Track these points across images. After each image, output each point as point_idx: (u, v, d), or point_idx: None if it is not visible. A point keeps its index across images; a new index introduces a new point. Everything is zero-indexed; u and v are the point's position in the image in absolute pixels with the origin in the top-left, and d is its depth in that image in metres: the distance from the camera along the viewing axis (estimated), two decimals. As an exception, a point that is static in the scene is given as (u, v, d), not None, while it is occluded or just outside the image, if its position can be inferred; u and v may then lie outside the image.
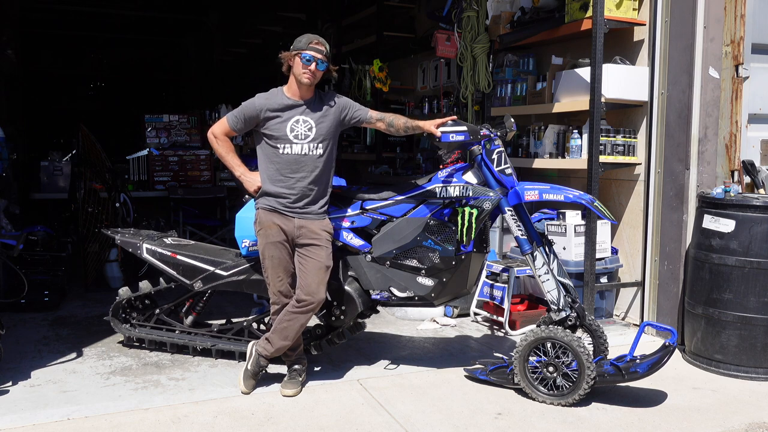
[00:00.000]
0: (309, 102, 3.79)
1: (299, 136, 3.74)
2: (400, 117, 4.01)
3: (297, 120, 3.74)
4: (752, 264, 4.11)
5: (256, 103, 3.77)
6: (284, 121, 3.73)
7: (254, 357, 3.85)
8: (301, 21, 10.70)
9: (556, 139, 5.43)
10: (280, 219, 3.76)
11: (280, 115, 3.74)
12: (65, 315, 5.41)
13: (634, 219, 5.18)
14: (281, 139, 3.73)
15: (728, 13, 4.72)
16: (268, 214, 3.78)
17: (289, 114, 3.74)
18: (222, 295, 4.63)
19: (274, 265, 3.77)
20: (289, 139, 3.73)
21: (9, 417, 3.43)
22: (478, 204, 3.78)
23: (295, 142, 3.73)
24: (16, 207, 6.71)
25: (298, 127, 3.74)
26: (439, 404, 3.69)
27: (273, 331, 3.83)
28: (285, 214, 3.76)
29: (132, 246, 4.45)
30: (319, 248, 3.76)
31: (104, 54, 17.99)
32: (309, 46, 3.68)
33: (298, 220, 3.76)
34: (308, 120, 3.76)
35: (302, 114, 3.76)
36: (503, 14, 5.72)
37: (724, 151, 4.82)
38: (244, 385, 3.81)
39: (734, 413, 3.66)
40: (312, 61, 3.67)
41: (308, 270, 3.75)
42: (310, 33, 3.80)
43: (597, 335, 3.90)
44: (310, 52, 3.67)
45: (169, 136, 7.75)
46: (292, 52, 3.71)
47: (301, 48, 3.69)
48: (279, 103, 3.76)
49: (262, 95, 3.80)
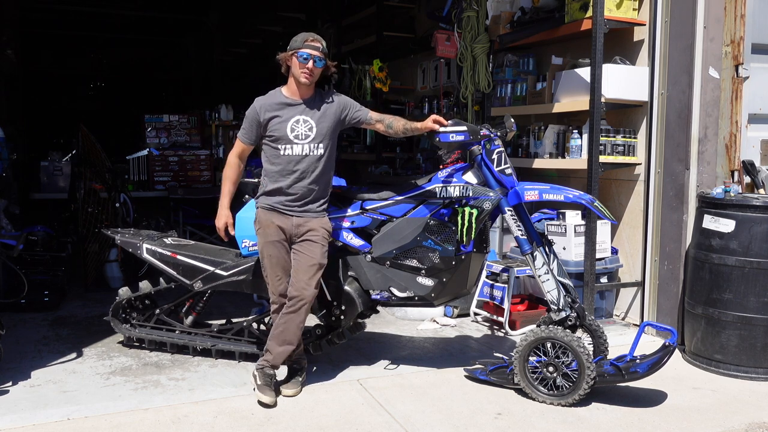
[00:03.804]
0: (309, 101, 3.77)
1: (300, 136, 3.72)
2: (399, 119, 3.99)
3: (297, 120, 3.73)
4: (752, 264, 4.11)
5: (256, 106, 3.78)
6: (284, 121, 3.72)
7: (257, 374, 3.74)
8: (301, 21, 10.70)
9: (556, 139, 5.43)
10: (279, 218, 3.75)
11: (280, 114, 3.73)
12: (65, 315, 5.41)
13: (634, 219, 5.18)
14: (282, 140, 3.72)
15: (728, 13, 4.72)
16: (267, 213, 3.78)
17: (289, 114, 3.73)
18: (222, 295, 4.62)
19: (272, 265, 3.76)
20: (290, 139, 3.71)
21: (9, 417, 3.43)
22: (478, 204, 3.78)
23: (296, 143, 3.72)
24: (16, 207, 6.71)
25: (299, 128, 3.72)
26: (439, 404, 3.69)
27: (270, 338, 3.79)
28: (284, 212, 3.76)
29: (132, 246, 4.45)
30: (314, 245, 3.75)
31: (104, 54, 17.99)
32: (304, 44, 3.66)
33: (296, 218, 3.76)
34: (308, 120, 3.74)
35: (302, 114, 3.74)
36: (503, 14, 5.72)
37: (724, 151, 4.82)
38: (266, 396, 3.62)
39: (734, 413, 3.66)
40: (309, 58, 3.64)
41: (300, 266, 3.73)
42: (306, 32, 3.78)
43: (597, 335, 3.90)
44: (307, 50, 3.64)
45: (169, 136, 7.76)
46: (289, 52, 3.69)
47: (297, 47, 3.67)
48: (278, 102, 3.75)
49: (259, 98, 3.80)
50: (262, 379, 3.72)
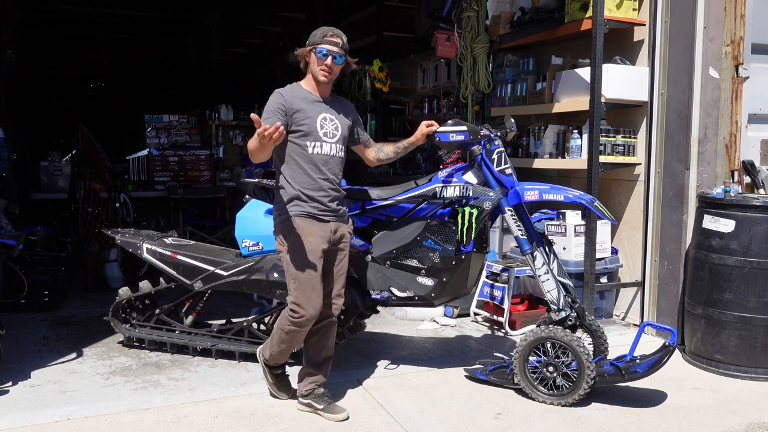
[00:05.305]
0: (328, 100, 3.53)
1: (328, 134, 3.46)
2: (388, 144, 3.84)
3: (324, 117, 3.46)
4: (752, 264, 4.11)
5: (282, 93, 3.43)
6: (311, 116, 3.42)
7: (312, 402, 3.55)
8: (300, 21, 10.69)
9: (556, 139, 5.44)
10: (318, 226, 3.44)
11: (305, 108, 3.41)
12: (65, 315, 5.41)
13: (634, 219, 5.18)
14: (311, 136, 3.41)
15: (728, 13, 4.72)
16: (305, 221, 3.41)
17: (315, 110, 3.45)
18: (222, 295, 4.63)
19: (312, 279, 3.37)
20: (320, 136, 3.42)
21: (9, 417, 3.43)
22: (478, 204, 3.78)
23: (324, 141, 3.44)
24: (16, 207, 6.71)
25: (327, 125, 3.46)
26: (439, 404, 3.69)
27: (307, 360, 3.60)
28: (322, 219, 3.45)
29: (132, 246, 4.45)
30: (345, 253, 3.59)
31: (104, 54, 17.97)
32: (324, 39, 3.39)
33: (334, 224, 3.50)
34: (334, 119, 3.50)
35: (327, 112, 3.49)
36: (503, 14, 5.72)
37: (724, 151, 4.82)
38: (340, 414, 3.48)
39: (734, 413, 3.66)
40: (328, 54, 3.38)
41: (334, 275, 3.55)
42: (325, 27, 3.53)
43: (597, 335, 3.91)
44: (326, 46, 3.38)
45: (169, 136, 7.76)
46: (307, 47, 3.44)
47: (316, 42, 3.41)
48: (301, 96, 3.46)
49: (280, 90, 3.47)
50: (320, 402, 3.52)
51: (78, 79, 18.10)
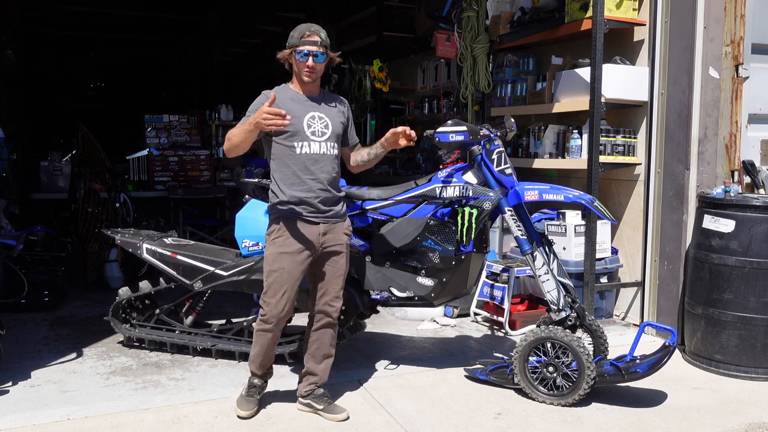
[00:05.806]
0: (317, 98, 3.52)
1: (316, 133, 3.43)
2: (365, 147, 3.78)
3: (312, 116, 3.44)
4: (752, 264, 4.11)
5: (269, 95, 3.39)
6: (297, 116, 3.39)
7: (312, 402, 3.56)
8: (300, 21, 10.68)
9: (556, 139, 5.44)
10: (304, 227, 3.41)
11: (291, 108, 3.37)
12: (65, 315, 5.41)
13: (634, 219, 5.18)
14: (298, 136, 3.39)
15: (728, 13, 4.72)
16: (290, 222, 3.41)
17: (303, 109, 3.44)
18: (222, 295, 4.63)
19: (280, 279, 3.39)
20: (307, 135, 3.40)
21: (9, 417, 3.43)
22: (478, 204, 3.78)
23: (312, 140, 3.41)
24: (16, 207, 6.71)
25: (315, 124, 3.44)
26: (439, 404, 3.69)
27: (308, 360, 3.59)
28: (310, 220, 3.43)
29: (132, 246, 4.45)
30: (341, 256, 3.54)
31: (104, 54, 17.98)
32: (301, 40, 3.38)
33: (324, 226, 3.45)
34: (323, 117, 3.47)
35: (315, 110, 3.47)
36: (503, 14, 5.72)
37: (724, 151, 4.82)
38: (341, 414, 3.49)
39: (734, 413, 3.66)
40: (308, 55, 3.37)
41: (330, 277, 3.52)
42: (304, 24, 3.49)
43: (597, 335, 3.90)
44: (305, 47, 3.36)
45: (169, 136, 7.75)
46: (287, 50, 3.44)
47: (294, 44, 3.40)
48: (289, 97, 3.46)
49: (266, 91, 3.48)
50: (320, 402, 3.53)
51: (78, 79, 18.11)
